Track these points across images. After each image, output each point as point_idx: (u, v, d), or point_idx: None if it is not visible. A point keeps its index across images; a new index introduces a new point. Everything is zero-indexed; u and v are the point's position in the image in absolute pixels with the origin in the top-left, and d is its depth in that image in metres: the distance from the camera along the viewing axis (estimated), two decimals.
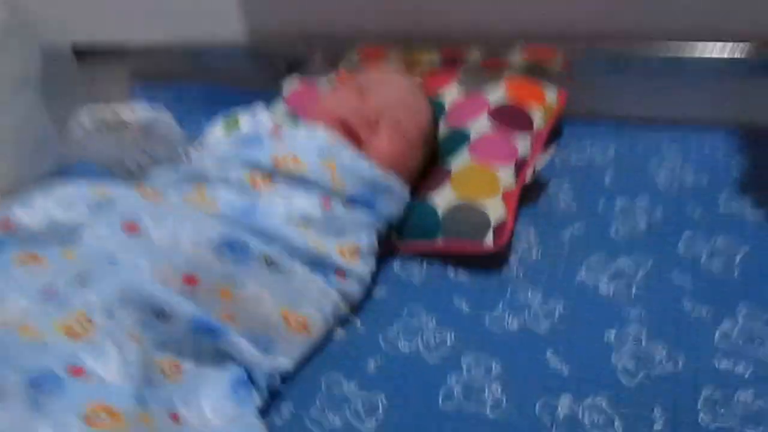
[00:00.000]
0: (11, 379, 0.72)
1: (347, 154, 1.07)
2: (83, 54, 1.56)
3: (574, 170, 1.27)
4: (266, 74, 1.52)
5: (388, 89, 1.19)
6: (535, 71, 1.34)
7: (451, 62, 1.40)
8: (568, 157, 1.30)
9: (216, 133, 1.19)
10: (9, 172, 1.37)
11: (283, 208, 1.01)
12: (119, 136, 1.04)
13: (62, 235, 0.90)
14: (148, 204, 0.93)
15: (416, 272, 1.11)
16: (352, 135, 1.11)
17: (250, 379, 0.90)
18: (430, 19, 1.39)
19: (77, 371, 0.75)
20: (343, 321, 1.04)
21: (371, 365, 0.97)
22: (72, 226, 0.90)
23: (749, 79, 1.28)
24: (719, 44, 1.25)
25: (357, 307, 1.06)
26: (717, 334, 0.95)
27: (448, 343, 0.99)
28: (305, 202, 1.02)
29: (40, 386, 0.72)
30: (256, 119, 1.20)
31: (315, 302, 0.99)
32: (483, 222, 1.10)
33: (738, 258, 1.05)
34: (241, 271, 0.92)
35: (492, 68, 1.36)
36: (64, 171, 1.17)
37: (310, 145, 1.07)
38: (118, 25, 1.56)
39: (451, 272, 1.10)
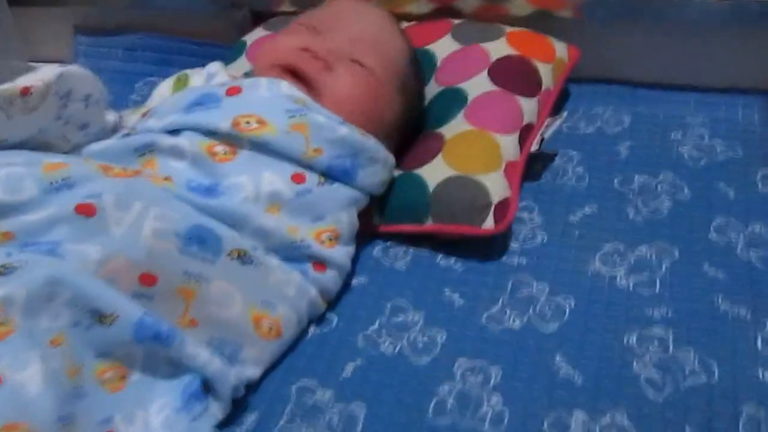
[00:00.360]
0: None
1: (320, 113, 0.97)
2: (18, 1, 1.48)
3: (584, 140, 1.21)
4: (229, 25, 1.45)
5: (349, 22, 1.08)
6: (544, 18, 1.28)
7: (442, 12, 1.34)
8: (576, 125, 1.24)
9: (163, 92, 1.10)
10: None
11: (250, 187, 0.91)
12: (35, 111, 0.90)
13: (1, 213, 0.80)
14: (113, 182, 0.83)
15: (401, 258, 1.05)
16: (302, 80, 1.01)
17: (211, 390, 0.82)
18: None
19: None
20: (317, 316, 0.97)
21: (349, 370, 0.90)
22: (15, 206, 0.80)
23: None
24: None
25: (333, 298, 0.98)
26: (759, 339, 0.88)
27: (439, 344, 0.92)
28: (274, 177, 0.92)
29: None
30: (210, 77, 1.10)
31: (290, 301, 0.91)
32: (482, 201, 1.03)
33: None
34: (208, 267, 0.84)
35: (491, 18, 1.28)
36: None
37: (277, 103, 0.96)
38: None
39: (441, 259, 1.03)
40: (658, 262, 0.99)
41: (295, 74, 1.01)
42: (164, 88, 1.11)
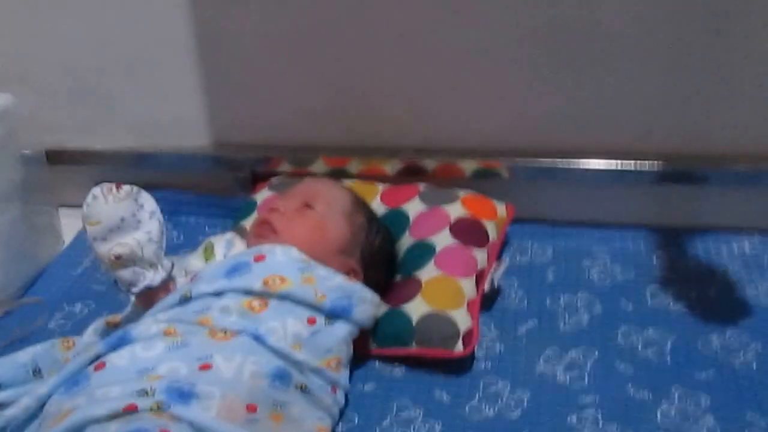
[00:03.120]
0: None
1: (320, 269, 1.23)
2: (53, 158, 1.65)
3: (520, 268, 1.49)
4: (231, 181, 1.68)
5: (304, 186, 1.38)
6: (486, 176, 1.56)
7: (410, 170, 1.59)
8: (513, 256, 1.52)
9: (197, 261, 1.32)
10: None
11: (281, 330, 1.14)
12: (121, 202, 1.20)
13: (144, 367, 1.05)
14: (219, 344, 1.09)
15: (396, 369, 1.28)
16: (270, 226, 1.29)
17: None
18: (390, 131, 1.60)
19: None
20: (342, 416, 1.20)
21: None
22: (153, 362, 1.05)
23: (658, 187, 1.55)
24: (632, 161, 1.52)
25: (351, 402, 1.22)
26: (659, 414, 1.17)
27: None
28: (295, 321, 1.16)
29: None
30: (227, 243, 1.34)
31: (331, 416, 1.16)
32: (453, 332, 1.27)
33: (668, 346, 1.29)
34: (286, 396, 1.09)
35: (449, 179, 1.56)
36: None
37: (291, 264, 1.21)
38: (86, 131, 1.67)
39: (427, 367, 1.27)
40: (584, 361, 1.26)
41: (265, 224, 1.30)
42: (198, 254, 1.33)
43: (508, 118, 1.55)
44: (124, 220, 1.19)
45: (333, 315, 1.21)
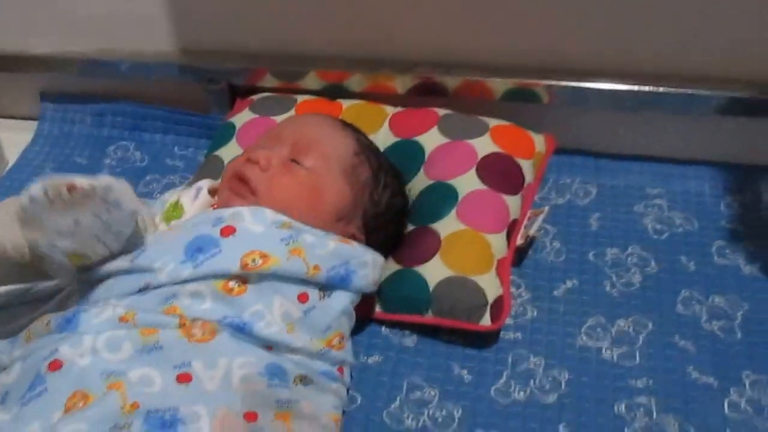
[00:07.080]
0: None
1: (307, 233, 1.12)
2: None
3: (557, 211, 1.41)
4: (203, 95, 1.59)
5: (289, 131, 1.23)
6: (519, 98, 1.48)
7: (425, 88, 1.50)
8: (548, 195, 1.45)
9: (159, 225, 1.19)
10: None
11: (267, 314, 1.05)
12: (79, 210, 1.01)
13: (111, 370, 0.95)
14: (197, 347, 0.99)
15: (407, 335, 1.22)
16: (245, 183, 1.16)
17: None
18: (401, 39, 1.50)
19: None
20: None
21: None
22: (121, 366, 0.96)
23: (730, 118, 1.46)
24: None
25: (353, 377, 1.15)
26: (726, 405, 1.10)
27: (456, 418, 1.10)
28: (283, 301, 1.07)
29: None
30: (197, 190, 1.22)
31: (340, 402, 1.09)
32: (479, 302, 1.20)
33: (738, 318, 1.22)
34: (289, 394, 1.01)
35: (474, 100, 1.47)
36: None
37: (269, 234, 1.10)
38: (29, 34, 1.60)
39: (444, 334, 1.21)
40: (636, 334, 1.19)
41: (241, 180, 1.16)
42: (157, 209, 1.20)
43: (551, 27, 1.45)
44: (79, 223, 1.02)
45: (329, 287, 1.12)
